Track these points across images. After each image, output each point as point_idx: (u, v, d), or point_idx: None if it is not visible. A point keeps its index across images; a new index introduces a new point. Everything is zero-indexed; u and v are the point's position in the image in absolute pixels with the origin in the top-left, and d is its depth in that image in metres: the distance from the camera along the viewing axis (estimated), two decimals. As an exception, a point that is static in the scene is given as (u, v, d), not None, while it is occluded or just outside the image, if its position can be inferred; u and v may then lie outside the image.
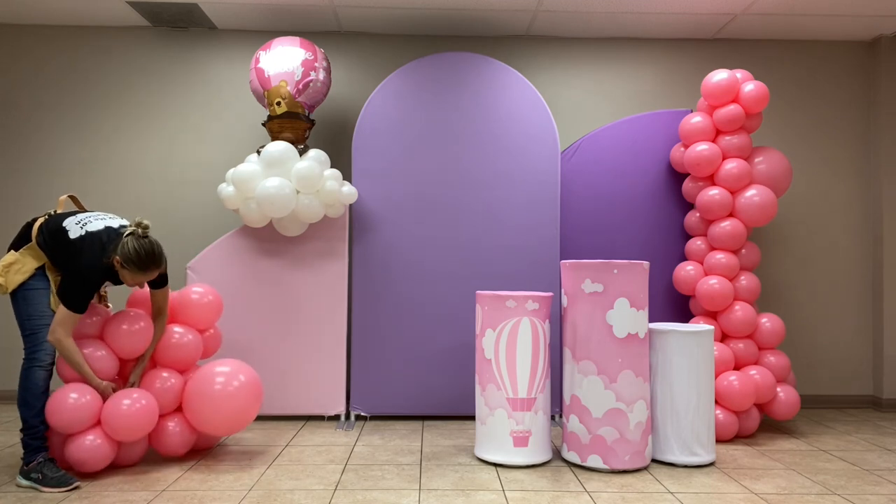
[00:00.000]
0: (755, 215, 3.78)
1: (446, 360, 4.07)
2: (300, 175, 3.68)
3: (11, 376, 4.50)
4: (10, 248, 3.00)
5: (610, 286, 3.13)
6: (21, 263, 2.93)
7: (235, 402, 3.12)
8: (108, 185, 4.57)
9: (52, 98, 4.59)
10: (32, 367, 2.91)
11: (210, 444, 3.43)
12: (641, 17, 4.37)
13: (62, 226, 2.94)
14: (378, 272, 4.08)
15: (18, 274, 2.92)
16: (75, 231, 2.91)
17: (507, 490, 2.85)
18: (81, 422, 2.88)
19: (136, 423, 2.90)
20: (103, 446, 2.92)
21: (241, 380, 3.17)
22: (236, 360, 3.30)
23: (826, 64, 4.72)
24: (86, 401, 2.89)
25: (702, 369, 3.24)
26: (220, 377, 3.14)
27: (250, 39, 4.64)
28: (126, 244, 2.84)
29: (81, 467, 2.92)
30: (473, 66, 4.15)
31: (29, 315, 2.92)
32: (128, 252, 2.83)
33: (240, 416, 3.15)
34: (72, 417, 2.85)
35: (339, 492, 2.81)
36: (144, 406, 2.94)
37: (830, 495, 2.84)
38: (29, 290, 2.93)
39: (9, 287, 2.91)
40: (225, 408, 3.10)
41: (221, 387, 3.11)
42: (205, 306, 3.35)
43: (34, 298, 2.93)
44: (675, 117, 4.23)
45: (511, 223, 4.10)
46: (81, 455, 2.88)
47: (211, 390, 3.10)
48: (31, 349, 2.93)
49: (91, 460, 2.90)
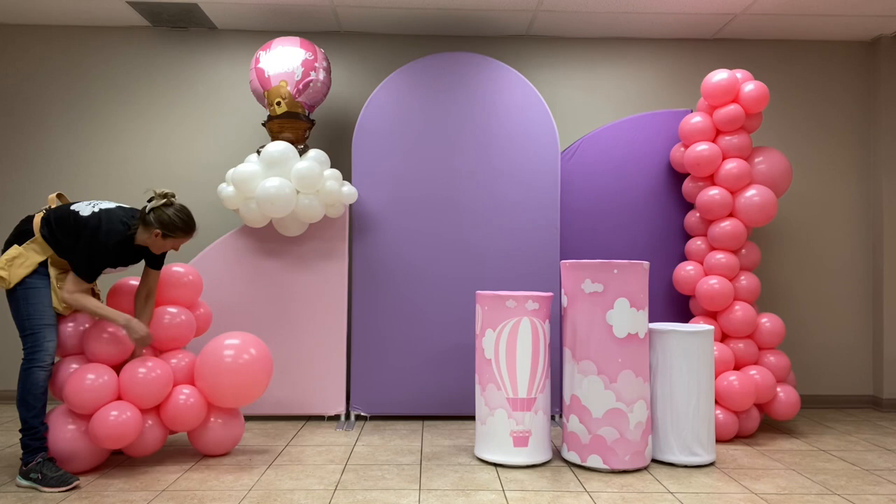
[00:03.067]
0: (755, 215, 3.78)
1: (446, 360, 4.07)
2: (300, 175, 3.68)
3: (10, 376, 4.50)
4: (6, 244, 3.00)
5: (610, 286, 3.13)
6: (24, 257, 2.93)
7: (246, 375, 3.21)
8: (108, 184, 4.57)
9: (52, 98, 4.59)
10: (32, 367, 2.90)
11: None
12: (641, 17, 4.37)
13: (70, 209, 2.98)
14: (378, 272, 4.08)
15: (22, 268, 2.92)
16: (86, 210, 2.98)
17: (507, 490, 2.85)
18: (102, 398, 2.93)
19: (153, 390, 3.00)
20: (131, 419, 2.94)
21: (251, 353, 3.25)
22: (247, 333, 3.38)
23: (826, 64, 4.72)
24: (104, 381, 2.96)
25: (702, 369, 3.24)
26: (229, 350, 3.22)
27: (250, 39, 4.64)
28: (164, 214, 2.98)
29: (106, 443, 2.91)
30: (473, 66, 4.15)
31: (29, 314, 2.91)
32: (170, 220, 2.98)
33: (250, 390, 3.24)
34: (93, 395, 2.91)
35: (339, 492, 2.81)
36: (160, 375, 3.03)
37: (830, 495, 2.84)
38: (30, 288, 2.92)
39: (12, 281, 2.90)
40: (236, 381, 3.18)
41: (232, 359, 3.19)
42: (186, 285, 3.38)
43: (35, 297, 2.92)
44: (675, 117, 4.23)
45: (511, 223, 4.10)
46: (108, 430, 2.90)
47: (222, 363, 3.18)
48: (31, 349, 2.92)
49: (115, 435, 2.91)
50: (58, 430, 2.97)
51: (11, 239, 3.01)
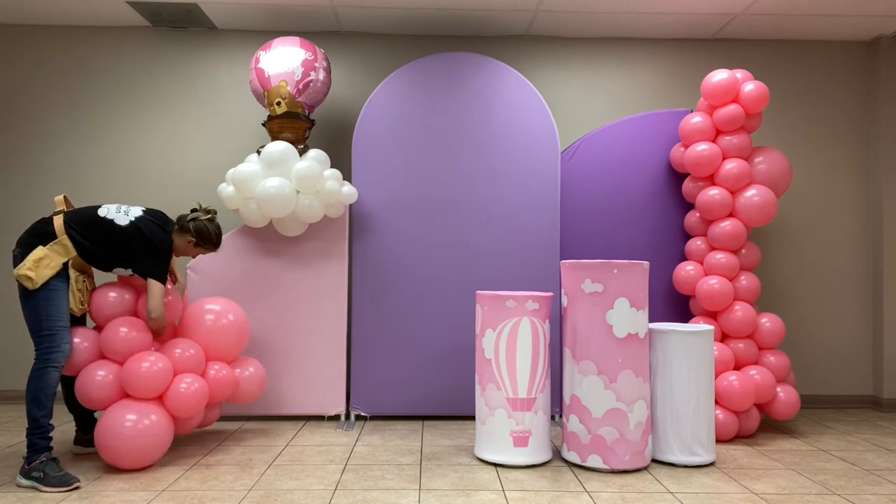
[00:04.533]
0: (755, 215, 3.78)
1: (446, 360, 4.07)
2: (300, 175, 3.68)
3: (10, 377, 4.50)
4: (23, 244, 3.01)
5: (610, 286, 3.13)
6: (50, 259, 2.98)
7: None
8: (108, 184, 4.57)
9: (51, 98, 4.59)
10: (48, 367, 2.92)
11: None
12: (641, 17, 4.37)
13: (103, 217, 3.12)
14: (378, 272, 4.08)
15: (48, 269, 2.96)
16: (122, 219, 3.14)
17: (507, 490, 2.85)
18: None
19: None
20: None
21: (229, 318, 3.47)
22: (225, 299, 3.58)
23: (826, 64, 4.72)
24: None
25: (702, 369, 3.24)
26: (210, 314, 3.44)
27: (250, 39, 4.64)
28: (204, 225, 3.29)
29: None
30: (473, 66, 4.15)
31: (48, 315, 2.94)
32: (207, 232, 3.29)
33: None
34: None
35: (339, 492, 2.82)
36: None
37: (830, 495, 2.84)
38: (52, 289, 2.96)
39: (38, 282, 2.93)
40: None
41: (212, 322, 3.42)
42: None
43: (56, 298, 2.97)
44: (675, 117, 4.23)
45: (511, 223, 4.10)
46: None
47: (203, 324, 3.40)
48: (47, 350, 2.93)
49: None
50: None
51: (33, 240, 3.03)
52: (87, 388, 3.06)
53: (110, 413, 3.02)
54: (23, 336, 4.50)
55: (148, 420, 3.01)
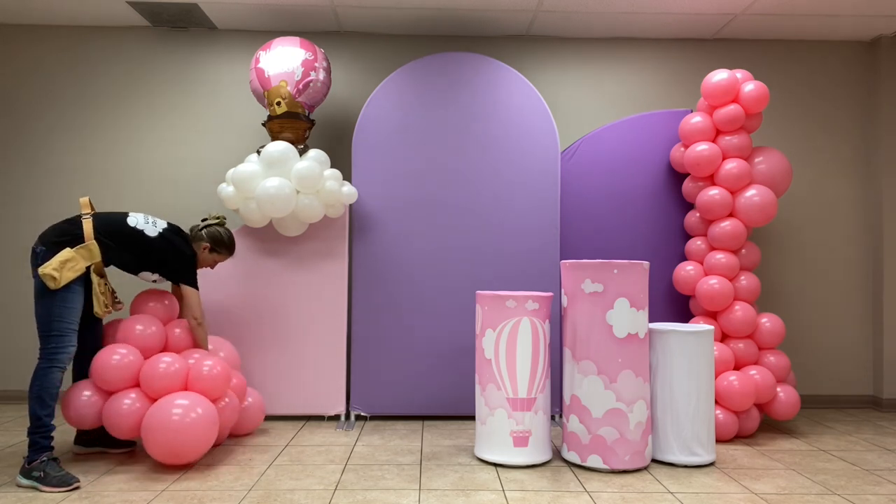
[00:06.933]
0: (755, 215, 3.78)
1: (446, 359, 4.07)
2: (300, 175, 3.68)
3: (10, 377, 4.50)
4: (48, 243, 3.01)
5: (610, 286, 3.13)
6: (75, 262, 3.00)
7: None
8: (108, 184, 4.57)
9: (51, 98, 4.59)
10: (53, 367, 2.93)
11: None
12: (642, 18, 4.37)
13: (131, 226, 3.21)
14: (378, 272, 4.08)
15: (71, 271, 2.98)
16: (151, 230, 3.25)
17: (507, 490, 2.85)
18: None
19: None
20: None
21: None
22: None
23: (826, 64, 4.72)
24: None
25: (702, 369, 3.24)
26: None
27: (250, 39, 4.64)
28: (216, 230, 3.45)
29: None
30: (473, 66, 4.15)
31: (61, 316, 2.95)
32: (220, 236, 3.46)
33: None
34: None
35: (339, 492, 2.82)
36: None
37: (830, 495, 2.84)
38: (70, 292, 2.98)
39: (61, 283, 2.94)
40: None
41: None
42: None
43: (72, 301, 2.98)
44: (675, 117, 4.23)
45: (511, 223, 4.10)
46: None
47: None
48: (53, 350, 2.93)
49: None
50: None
51: (61, 240, 3.03)
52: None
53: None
54: (22, 336, 4.50)
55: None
